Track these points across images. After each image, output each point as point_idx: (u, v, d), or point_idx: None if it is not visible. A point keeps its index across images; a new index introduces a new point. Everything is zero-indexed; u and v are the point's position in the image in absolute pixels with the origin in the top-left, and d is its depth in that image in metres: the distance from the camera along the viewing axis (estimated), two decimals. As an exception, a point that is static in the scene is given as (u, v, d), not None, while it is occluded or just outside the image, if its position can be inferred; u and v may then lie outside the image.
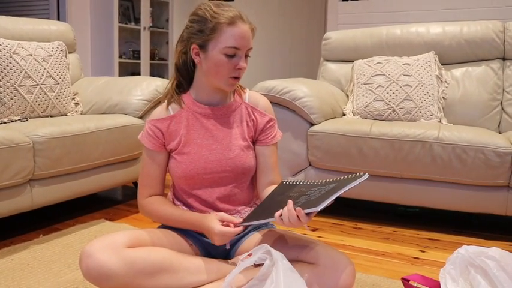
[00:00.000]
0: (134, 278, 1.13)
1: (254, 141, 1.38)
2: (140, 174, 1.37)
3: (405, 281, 1.34)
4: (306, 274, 1.13)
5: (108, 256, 1.11)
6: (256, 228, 1.36)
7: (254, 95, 1.40)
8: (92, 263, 1.10)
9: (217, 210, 1.32)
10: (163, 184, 1.38)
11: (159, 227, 1.38)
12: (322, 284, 1.13)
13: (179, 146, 1.31)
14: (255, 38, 1.30)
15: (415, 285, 1.31)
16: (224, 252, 1.35)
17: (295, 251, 1.22)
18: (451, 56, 2.54)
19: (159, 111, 1.34)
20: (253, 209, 1.36)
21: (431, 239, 2.01)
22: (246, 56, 1.27)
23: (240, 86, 1.40)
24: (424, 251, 1.87)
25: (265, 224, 1.39)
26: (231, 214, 1.32)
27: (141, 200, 1.36)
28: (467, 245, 1.25)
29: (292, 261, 1.14)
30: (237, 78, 1.26)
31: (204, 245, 1.34)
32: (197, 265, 1.23)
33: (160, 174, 1.34)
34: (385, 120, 2.37)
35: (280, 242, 1.26)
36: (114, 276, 1.10)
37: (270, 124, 1.37)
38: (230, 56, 1.23)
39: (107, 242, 1.14)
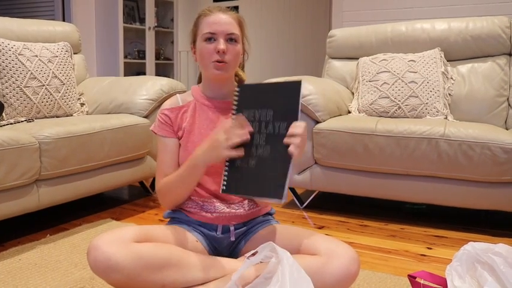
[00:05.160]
0: (141, 271, 1.13)
1: None
2: (156, 163, 1.40)
3: (412, 278, 1.33)
4: (310, 265, 1.13)
5: (116, 249, 1.12)
6: (260, 224, 1.38)
7: None
8: (100, 256, 1.11)
9: (221, 199, 1.34)
10: None
11: (167, 224, 1.39)
12: (326, 274, 1.14)
13: (184, 134, 1.35)
14: (259, 35, 1.32)
15: (422, 282, 1.30)
16: (230, 248, 1.36)
17: (296, 243, 1.23)
18: (456, 52, 2.53)
19: (170, 102, 1.40)
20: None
21: (438, 236, 2.00)
22: (231, 40, 1.30)
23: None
24: (431, 248, 1.86)
25: (269, 220, 1.41)
26: (234, 204, 1.35)
27: (158, 186, 1.37)
28: (475, 241, 1.25)
29: (294, 253, 1.14)
30: (221, 62, 1.29)
31: (210, 241, 1.35)
32: (204, 261, 1.24)
33: (174, 160, 1.36)
34: (390, 117, 2.37)
35: (282, 236, 1.28)
36: (121, 269, 1.11)
37: None
38: (209, 41, 1.30)
39: (116, 235, 1.16)
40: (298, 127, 1.14)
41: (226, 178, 1.21)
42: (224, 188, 1.21)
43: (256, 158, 1.18)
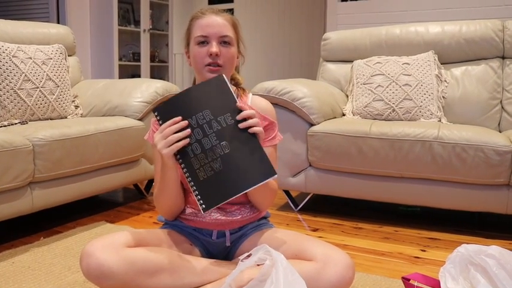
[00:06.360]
0: (135, 277, 1.13)
1: None
2: (154, 173, 1.37)
3: (405, 280, 1.34)
4: (306, 271, 1.13)
5: (108, 255, 1.11)
6: (255, 227, 1.37)
7: (256, 99, 1.40)
8: (93, 262, 1.11)
9: (218, 207, 1.32)
10: None
11: (161, 227, 1.39)
12: (322, 280, 1.13)
13: None
14: (254, 38, 1.31)
15: (416, 284, 1.31)
16: (224, 252, 1.36)
17: (293, 249, 1.22)
18: (450, 55, 2.54)
19: None
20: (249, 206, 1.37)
21: (432, 238, 2.01)
22: (225, 43, 1.29)
23: (243, 89, 1.40)
24: (424, 250, 1.87)
25: (264, 224, 1.40)
26: (230, 212, 1.33)
27: (154, 196, 1.36)
28: (468, 243, 1.25)
29: (290, 259, 1.14)
30: (215, 66, 1.27)
31: (204, 245, 1.35)
32: (197, 265, 1.23)
33: None
34: (385, 119, 2.37)
35: (279, 240, 1.27)
36: (114, 276, 1.11)
37: (269, 127, 1.36)
38: (202, 45, 1.28)
39: (108, 241, 1.15)
40: (245, 111, 1.16)
41: (199, 197, 1.16)
42: (204, 206, 1.16)
43: (220, 159, 1.16)
